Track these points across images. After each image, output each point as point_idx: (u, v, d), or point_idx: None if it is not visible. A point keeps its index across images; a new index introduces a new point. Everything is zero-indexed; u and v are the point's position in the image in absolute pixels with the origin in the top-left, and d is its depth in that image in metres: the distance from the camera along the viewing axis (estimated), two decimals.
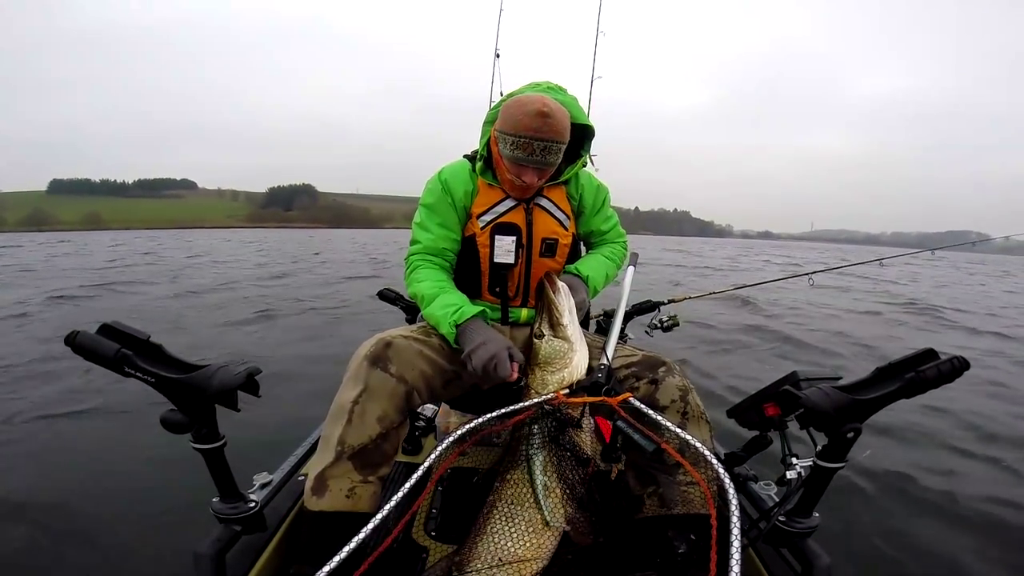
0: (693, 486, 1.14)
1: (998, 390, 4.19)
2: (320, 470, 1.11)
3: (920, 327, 7.49)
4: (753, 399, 1.20)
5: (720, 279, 14.53)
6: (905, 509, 2.41)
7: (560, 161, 1.29)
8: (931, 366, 0.87)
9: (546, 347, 1.19)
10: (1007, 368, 5.05)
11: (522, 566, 1.00)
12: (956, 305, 9.96)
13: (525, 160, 1.23)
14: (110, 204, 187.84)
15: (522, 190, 1.33)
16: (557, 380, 1.17)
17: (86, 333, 0.84)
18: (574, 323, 1.23)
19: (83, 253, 19.73)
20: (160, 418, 0.90)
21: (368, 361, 1.17)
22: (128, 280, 10.23)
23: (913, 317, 8.29)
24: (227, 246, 25.74)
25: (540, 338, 1.21)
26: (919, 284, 14.85)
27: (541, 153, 1.21)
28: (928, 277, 17.86)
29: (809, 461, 1.03)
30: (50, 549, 1.85)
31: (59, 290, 8.47)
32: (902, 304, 9.67)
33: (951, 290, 13.88)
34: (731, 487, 0.72)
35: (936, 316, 8.44)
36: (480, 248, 1.39)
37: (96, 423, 2.87)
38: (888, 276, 15.50)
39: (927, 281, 16.11)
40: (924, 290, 13.16)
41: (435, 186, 1.40)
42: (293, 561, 1.12)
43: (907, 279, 16.23)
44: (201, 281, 10.17)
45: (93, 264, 14.64)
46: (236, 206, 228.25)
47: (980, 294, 13.33)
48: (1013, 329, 7.42)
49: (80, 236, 47.58)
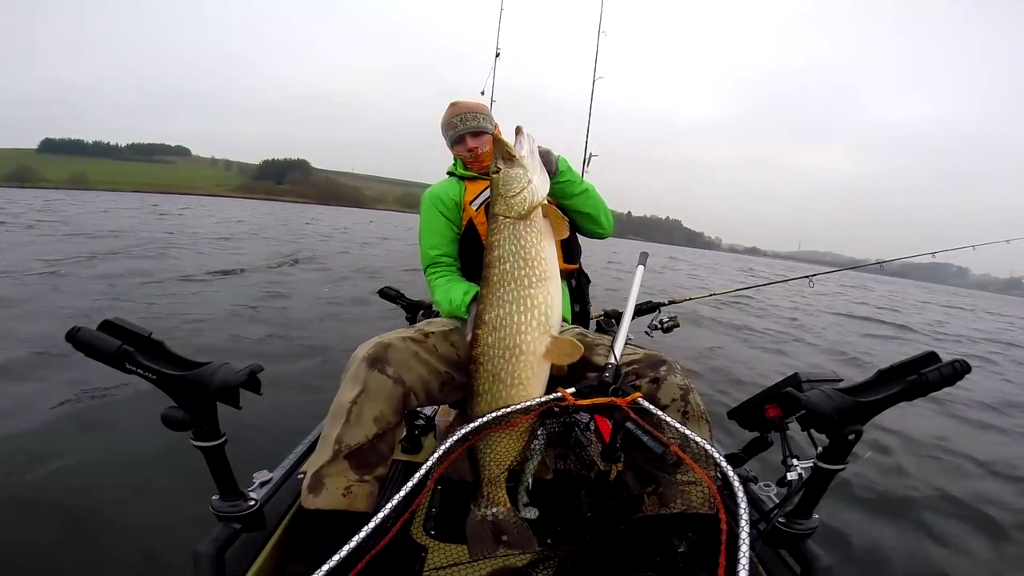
0: (693, 485, 1.13)
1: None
2: (316, 468, 1.13)
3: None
4: (754, 400, 1.20)
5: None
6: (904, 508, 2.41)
7: (487, 128, 1.63)
8: (933, 369, 0.87)
9: (503, 176, 1.23)
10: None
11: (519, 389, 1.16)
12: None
13: (456, 133, 1.65)
14: (99, 165, 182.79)
15: (479, 160, 1.64)
16: (519, 203, 1.21)
17: (87, 329, 0.84)
18: (533, 157, 1.27)
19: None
20: (161, 415, 0.90)
21: (367, 363, 1.19)
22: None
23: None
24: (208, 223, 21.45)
25: (496, 172, 1.25)
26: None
27: (463, 122, 1.64)
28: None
29: (809, 463, 1.03)
30: (50, 547, 1.84)
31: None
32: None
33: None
34: (740, 488, 0.72)
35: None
36: (478, 227, 1.56)
37: (94, 420, 2.86)
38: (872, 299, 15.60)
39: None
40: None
41: (425, 202, 1.69)
42: (292, 559, 1.12)
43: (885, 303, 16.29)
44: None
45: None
46: (227, 176, 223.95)
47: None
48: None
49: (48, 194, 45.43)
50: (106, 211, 19.69)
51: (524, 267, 1.20)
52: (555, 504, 1.54)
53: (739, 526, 0.67)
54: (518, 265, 1.20)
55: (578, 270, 1.78)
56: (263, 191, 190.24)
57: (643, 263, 1.69)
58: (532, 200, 1.22)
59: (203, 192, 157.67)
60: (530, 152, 1.27)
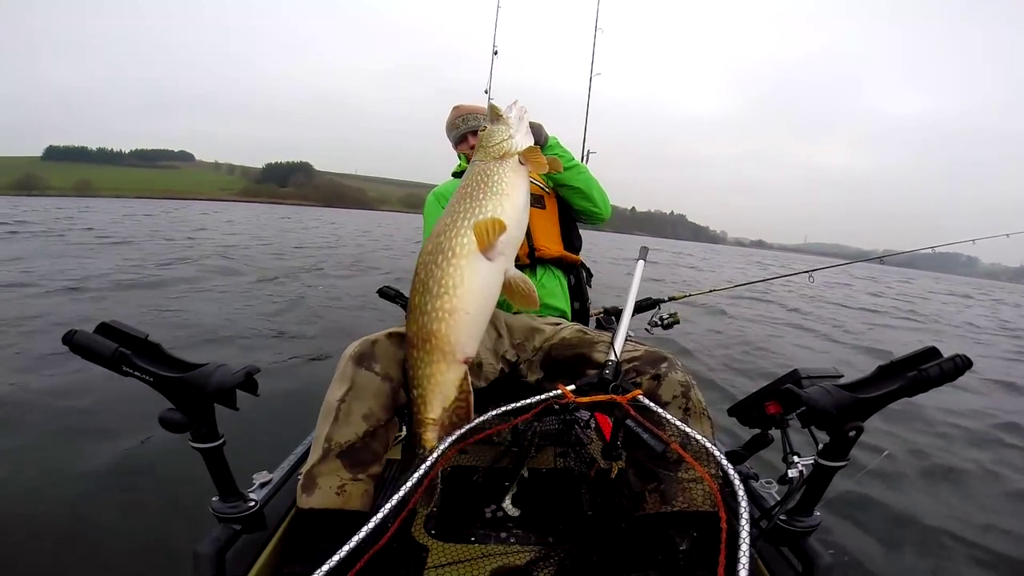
0: (694, 483, 1.13)
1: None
2: (309, 468, 1.13)
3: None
4: (754, 397, 1.19)
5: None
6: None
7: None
8: (933, 364, 0.86)
9: (487, 131, 1.25)
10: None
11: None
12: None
13: (459, 132, 1.84)
14: (103, 172, 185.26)
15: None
16: (496, 151, 1.20)
17: (84, 332, 0.83)
18: (520, 122, 1.28)
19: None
20: (159, 417, 0.89)
21: (353, 361, 1.19)
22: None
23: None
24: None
25: (482, 129, 1.28)
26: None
27: (464, 122, 1.83)
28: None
29: (810, 459, 1.03)
30: (50, 548, 1.85)
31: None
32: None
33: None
34: (741, 487, 0.72)
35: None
36: None
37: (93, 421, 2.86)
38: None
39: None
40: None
41: (430, 201, 1.79)
42: (293, 560, 1.12)
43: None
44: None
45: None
46: (231, 180, 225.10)
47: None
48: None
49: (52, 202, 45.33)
50: (127, 217, 19.63)
51: (481, 185, 1.15)
52: (556, 502, 1.54)
53: (739, 523, 0.67)
54: (476, 185, 1.16)
55: (579, 265, 1.78)
56: (267, 194, 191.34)
57: (643, 258, 1.69)
58: (509, 149, 1.20)
59: (207, 197, 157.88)
60: (518, 117, 1.27)
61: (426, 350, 1.06)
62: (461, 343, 1.06)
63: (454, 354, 1.06)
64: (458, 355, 1.06)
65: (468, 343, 1.07)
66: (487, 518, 1.48)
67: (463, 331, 1.06)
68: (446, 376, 1.06)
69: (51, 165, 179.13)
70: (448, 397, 1.07)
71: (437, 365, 1.06)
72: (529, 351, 1.47)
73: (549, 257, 1.65)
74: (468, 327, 1.06)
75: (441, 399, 1.07)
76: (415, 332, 1.07)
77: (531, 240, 1.62)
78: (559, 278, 1.69)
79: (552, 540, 1.38)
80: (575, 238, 1.78)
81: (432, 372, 1.06)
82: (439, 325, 1.05)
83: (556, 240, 1.70)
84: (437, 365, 1.06)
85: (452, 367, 1.06)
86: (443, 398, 1.07)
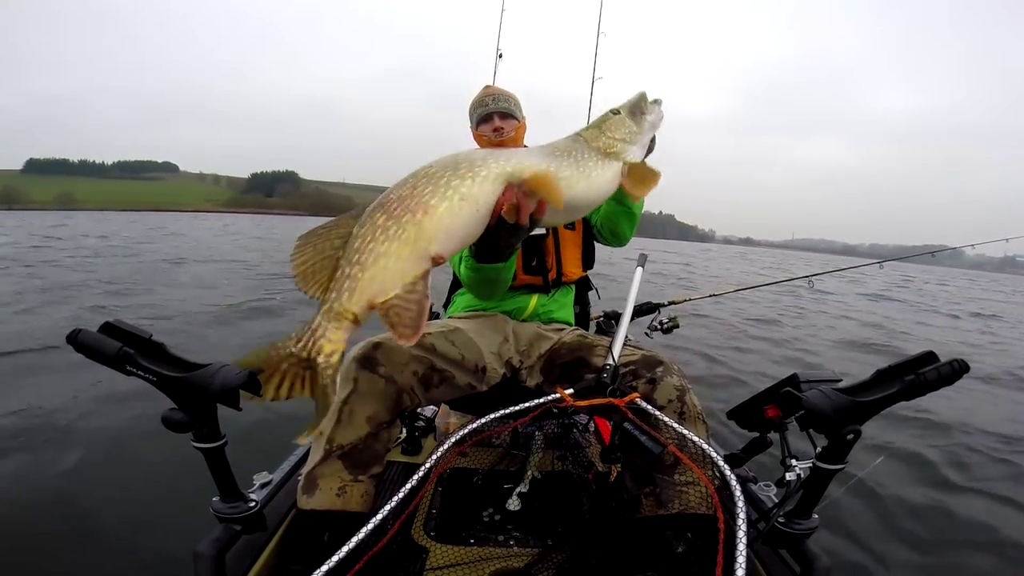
0: (691, 486, 1.14)
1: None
2: (310, 469, 1.13)
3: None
4: (753, 400, 1.20)
5: None
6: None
7: (516, 115, 1.59)
8: (931, 368, 0.87)
9: (619, 118, 0.99)
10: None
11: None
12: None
13: (486, 110, 1.58)
14: (86, 184, 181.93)
15: (501, 144, 1.54)
16: (607, 143, 0.95)
17: (88, 331, 0.84)
18: (651, 129, 1.05)
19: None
20: (161, 417, 0.90)
21: (357, 363, 1.18)
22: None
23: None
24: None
25: (616, 113, 1.01)
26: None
27: (494, 102, 1.59)
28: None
29: (809, 463, 1.03)
30: (51, 548, 1.85)
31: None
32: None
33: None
34: (738, 488, 0.72)
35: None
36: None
37: (94, 421, 2.87)
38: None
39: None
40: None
41: None
42: (293, 561, 1.13)
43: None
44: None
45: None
46: (216, 190, 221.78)
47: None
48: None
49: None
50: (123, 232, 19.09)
51: (574, 155, 0.92)
52: (555, 505, 1.55)
53: (736, 525, 0.67)
54: (567, 152, 0.92)
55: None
56: (253, 205, 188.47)
57: (642, 264, 1.69)
58: (620, 151, 0.97)
59: (192, 208, 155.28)
60: (651, 125, 1.05)
61: (397, 219, 0.76)
62: (449, 234, 0.80)
63: (429, 243, 0.77)
64: (432, 247, 0.78)
65: (450, 242, 0.81)
66: (486, 521, 1.48)
67: (459, 224, 0.81)
68: (401, 264, 0.76)
69: (32, 178, 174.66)
70: (387, 291, 0.75)
71: (400, 246, 0.76)
72: (533, 358, 1.47)
73: (570, 282, 1.63)
74: (465, 224, 0.81)
75: (378, 290, 0.75)
76: (398, 196, 0.78)
77: (560, 265, 1.57)
78: (571, 292, 1.69)
79: (551, 542, 1.38)
80: (592, 258, 1.70)
81: (386, 251, 0.75)
82: (439, 200, 0.78)
83: (579, 264, 1.64)
84: (400, 246, 0.76)
85: (416, 259, 0.77)
86: (380, 290, 0.75)
